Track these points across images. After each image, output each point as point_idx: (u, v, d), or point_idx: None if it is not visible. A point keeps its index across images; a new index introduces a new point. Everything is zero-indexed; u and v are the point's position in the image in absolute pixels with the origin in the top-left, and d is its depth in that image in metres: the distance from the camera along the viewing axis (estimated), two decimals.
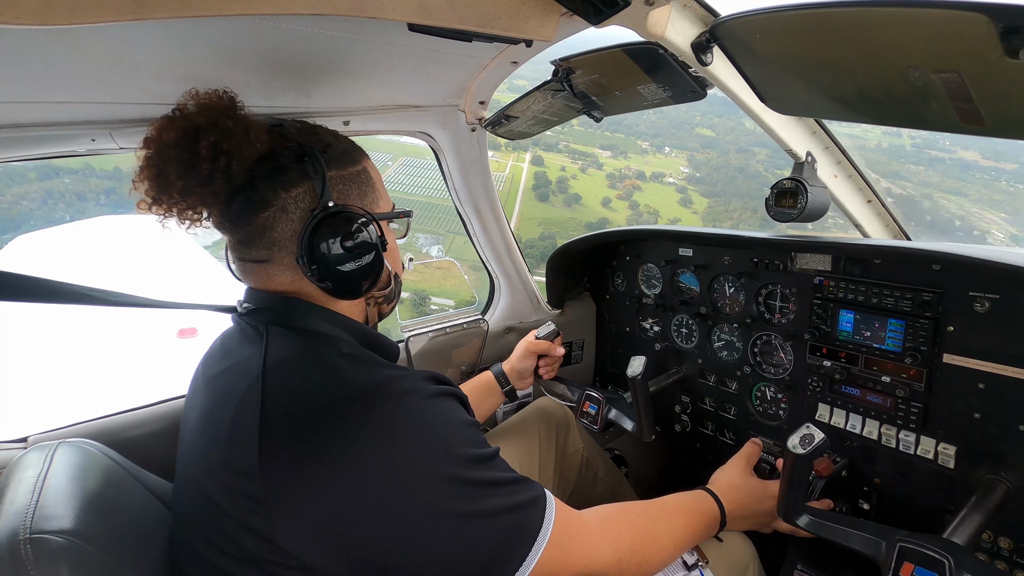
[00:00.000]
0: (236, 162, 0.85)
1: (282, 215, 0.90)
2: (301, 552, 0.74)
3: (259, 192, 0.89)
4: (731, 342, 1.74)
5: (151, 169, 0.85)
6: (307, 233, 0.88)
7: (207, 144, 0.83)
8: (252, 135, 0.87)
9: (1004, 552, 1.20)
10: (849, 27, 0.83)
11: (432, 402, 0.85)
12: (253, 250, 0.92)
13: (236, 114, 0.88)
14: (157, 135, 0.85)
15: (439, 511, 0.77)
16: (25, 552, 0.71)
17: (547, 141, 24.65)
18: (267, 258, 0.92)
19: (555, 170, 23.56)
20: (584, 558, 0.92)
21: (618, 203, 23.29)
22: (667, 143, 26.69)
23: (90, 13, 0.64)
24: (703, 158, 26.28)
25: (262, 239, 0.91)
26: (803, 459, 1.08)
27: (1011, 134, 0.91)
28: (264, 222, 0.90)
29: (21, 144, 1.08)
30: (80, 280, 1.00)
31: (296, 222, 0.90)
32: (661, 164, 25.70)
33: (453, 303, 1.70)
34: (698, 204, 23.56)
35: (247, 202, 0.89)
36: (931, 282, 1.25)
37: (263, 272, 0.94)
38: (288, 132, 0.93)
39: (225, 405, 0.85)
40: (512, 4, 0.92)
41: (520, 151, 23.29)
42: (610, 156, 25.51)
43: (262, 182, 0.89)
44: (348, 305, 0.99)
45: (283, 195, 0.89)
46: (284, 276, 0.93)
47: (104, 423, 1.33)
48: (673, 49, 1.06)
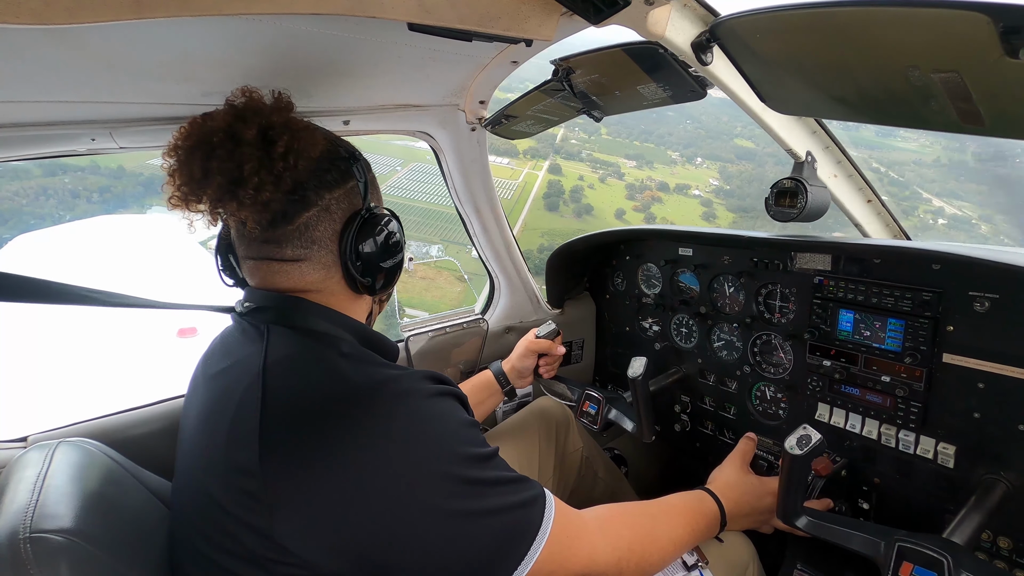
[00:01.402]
0: (303, 161, 0.87)
1: (325, 215, 0.92)
2: (301, 550, 0.74)
3: (308, 192, 0.90)
4: (731, 342, 1.74)
5: (230, 162, 0.82)
6: (355, 233, 0.93)
7: (283, 143, 0.84)
8: (317, 136, 0.91)
9: (1004, 552, 1.20)
10: (849, 27, 0.83)
11: (432, 401, 0.85)
12: (288, 249, 0.92)
13: (295, 115, 0.91)
14: (211, 127, 0.84)
15: (438, 510, 0.78)
16: (25, 551, 0.71)
17: (569, 149, 23.86)
18: (304, 257, 0.93)
19: (572, 179, 22.79)
20: (583, 558, 0.92)
21: (633, 215, 22.48)
22: (700, 153, 25.57)
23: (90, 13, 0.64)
24: (736, 170, 25.09)
25: (301, 238, 0.92)
26: (800, 460, 1.08)
27: (1011, 134, 0.91)
28: (307, 221, 0.91)
29: (21, 143, 1.08)
30: (79, 280, 1.01)
31: (337, 222, 0.93)
32: (689, 176, 24.72)
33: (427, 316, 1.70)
34: (723, 219, 22.46)
35: (292, 202, 0.90)
36: (931, 282, 1.25)
37: (292, 271, 0.94)
38: (330, 135, 0.98)
39: (225, 404, 0.85)
40: (512, 4, 0.92)
41: (539, 159, 22.59)
42: (634, 166, 24.62)
43: (312, 182, 0.91)
44: (353, 304, 1.00)
45: (327, 196, 0.92)
46: (316, 275, 0.95)
47: (104, 422, 1.33)
48: (673, 49, 1.06)
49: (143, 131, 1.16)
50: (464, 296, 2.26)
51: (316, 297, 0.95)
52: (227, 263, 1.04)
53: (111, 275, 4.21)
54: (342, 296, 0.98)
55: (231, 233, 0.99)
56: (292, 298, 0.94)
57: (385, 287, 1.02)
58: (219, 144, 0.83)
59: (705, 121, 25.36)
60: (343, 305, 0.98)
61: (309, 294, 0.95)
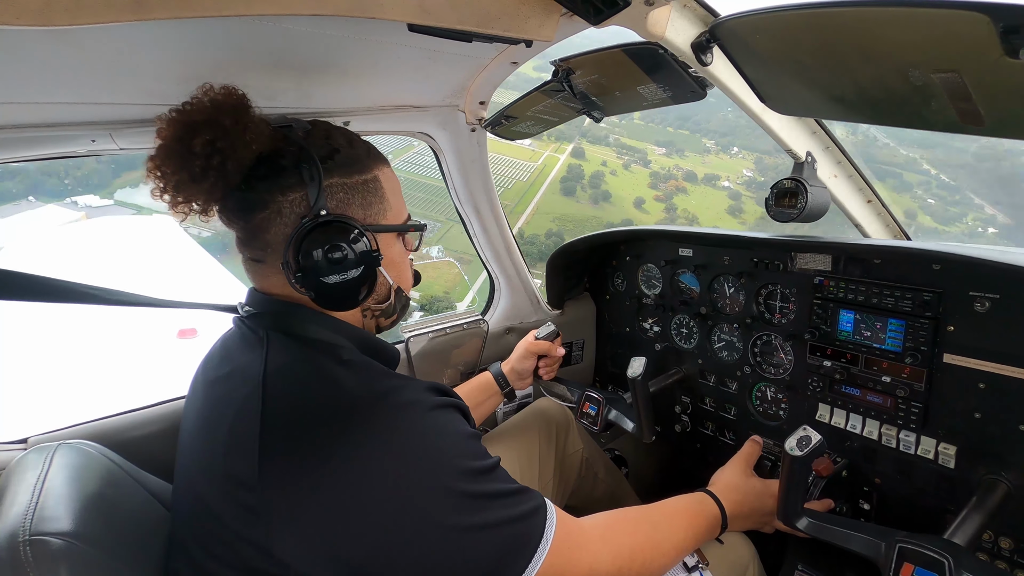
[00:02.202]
0: (231, 161, 0.84)
1: (277, 218, 0.89)
2: (299, 564, 0.73)
3: (256, 192, 0.89)
4: (731, 342, 1.74)
5: (153, 161, 0.85)
6: (293, 240, 0.87)
7: (201, 141, 0.82)
8: (250, 135, 0.86)
9: (1005, 552, 1.20)
10: (849, 27, 0.83)
11: (433, 414, 0.84)
12: (250, 248, 0.94)
13: (239, 113, 0.86)
14: (162, 129, 0.86)
15: (438, 524, 0.77)
16: (24, 554, 0.71)
17: (596, 133, 22.68)
18: (261, 259, 0.93)
19: (595, 164, 21.84)
20: (584, 567, 0.91)
21: (653, 205, 21.56)
22: (737, 143, 24.39)
23: (90, 13, 0.64)
24: (773, 163, 23.83)
25: (257, 239, 0.91)
26: (800, 461, 1.08)
27: (1010, 134, 0.91)
28: (260, 222, 0.90)
29: (21, 145, 1.08)
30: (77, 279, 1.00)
31: (289, 226, 0.89)
32: (721, 165, 23.65)
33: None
34: (749, 213, 21.46)
35: (244, 201, 0.89)
36: (931, 282, 1.25)
37: (260, 272, 0.96)
38: (294, 134, 0.92)
39: (224, 411, 0.84)
40: (512, 4, 0.92)
41: (563, 141, 21.63)
42: (663, 153, 23.58)
43: (260, 183, 0.89)
44: (345, 313, 0.97)
45: (280, 198, 0.89)
46: (275, 279, 0.94)
47: (104, 424, 1.32)
48: (673, 49, 1.06)
49: (143, 132, 1.16)
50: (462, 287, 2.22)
51: (310, 304, 0.93)
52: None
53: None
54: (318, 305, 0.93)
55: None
56: (289, 304, 0.94)
57: (350, 304, 0.92)
58: (160, 145, 0.85)
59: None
60: (334, 313, 0.95)
61: (302, 300, 0.93)
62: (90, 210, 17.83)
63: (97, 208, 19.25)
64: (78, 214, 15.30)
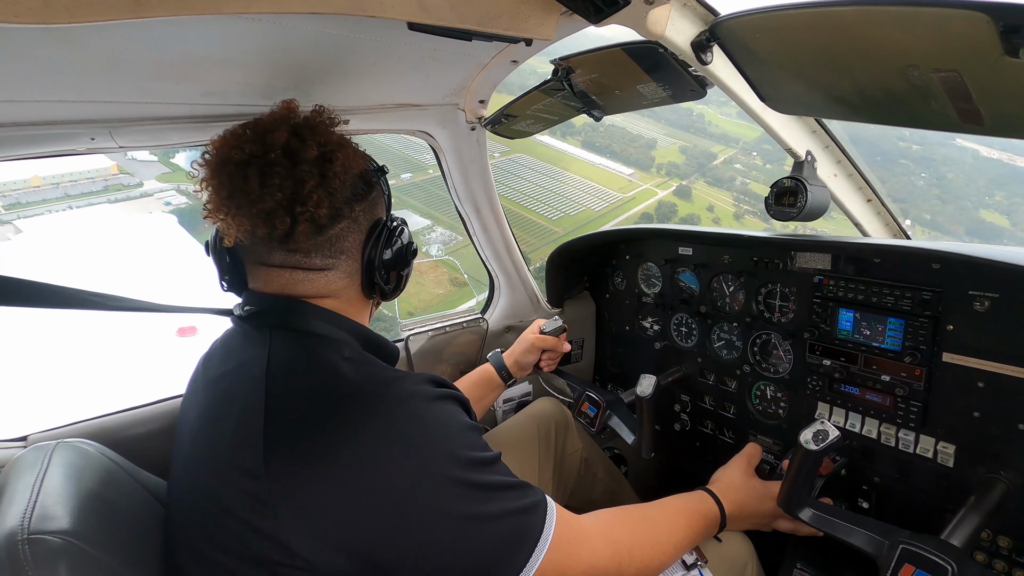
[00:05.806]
0: (350, 178, 0.93)
1: (354, 226, 0.96)
2: (306, 552, 0.74)
3: (343, 205, 0.93)
4: (731, 341, 1.74)
5: (253, 178, 0.85)
6: (378, 244, 0.98)
7: (339, 162, 0.90)
8: (358, 152, 0.98)
9: (1003, 551, 1.20)
10: (849, 26, 0.83)
11: (434, 404, 0.85)
12: (317, 258, 0.94)
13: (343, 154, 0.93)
14: (270, 142, 0.87)
15: (441, 512, 0.78)
16: (23, 552, 0.71)
17: (721, 174, 19.86)
18: (332, 266, 0.96)
19: (698, 207, 19.01)
20: (584, 563, 0.92)
21: None
22: (913, 214, 20.01)
23: (90, 12, 0.64)
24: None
25: (331, 248, 0.95)
26: (815, 456, 1.08)
27: (1010, 133, 0.91)
28: (338, 232, 0.94)
29: (20, 143, 1.08)
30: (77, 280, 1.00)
31: (362, 232, 0.98)
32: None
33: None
34: None
35: (335, 215, 0.92)
36: (931, 281, 1.25)
37: (318, 279, 0.95)
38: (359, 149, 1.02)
39: (229, 406, 0.85)
40: (512, 3, 0.92)
41: (674, 178, 19.23)
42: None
43: (348, 202, 0.95)
44: (362, 308, 1.03)
45: (356, 208, 0.96)
46: (340, 282, 0.98)
47: (103, 422, 1.32)
48: (673, 48, 1.06)
49: (143, 130, 1.16)
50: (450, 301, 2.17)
51: (328, 303, 0.96)
52: (227, 267, 1.01)
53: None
54: (356, 301, 1.01)
55: (233, 239, 0.94)
56: (294, 300, 0.94)
57: (396, 291, 1.07)
58: (277, 161, 0.86)
59: (951, 180, 19.96)
60: (352, 309, 1.00)
61: (320, 299, 0.95)
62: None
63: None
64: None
